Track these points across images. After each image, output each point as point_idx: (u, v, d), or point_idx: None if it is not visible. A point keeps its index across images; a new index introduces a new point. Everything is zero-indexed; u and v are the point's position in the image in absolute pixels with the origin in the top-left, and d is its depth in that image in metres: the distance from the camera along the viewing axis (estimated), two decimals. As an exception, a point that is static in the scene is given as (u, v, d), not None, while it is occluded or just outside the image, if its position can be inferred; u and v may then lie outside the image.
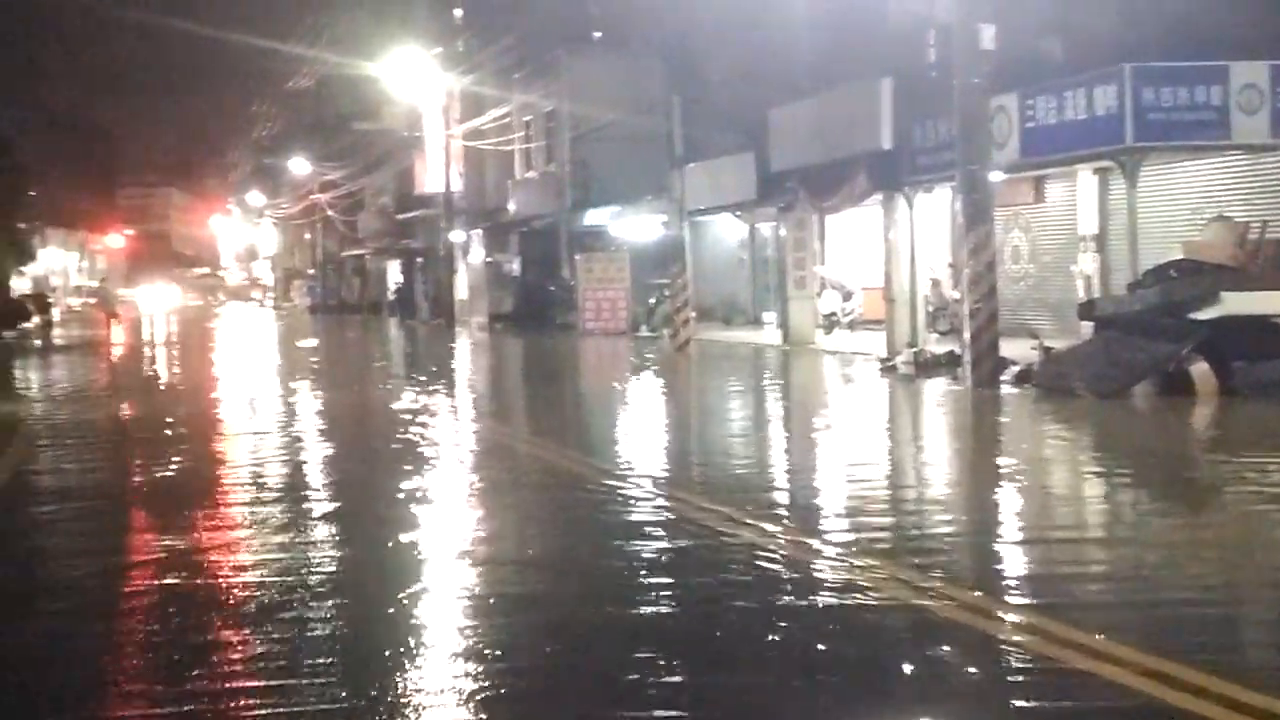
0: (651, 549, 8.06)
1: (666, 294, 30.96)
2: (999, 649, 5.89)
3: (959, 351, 18.42)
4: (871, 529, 8.59)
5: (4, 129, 64.66)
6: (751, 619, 6.36)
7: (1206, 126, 19.12)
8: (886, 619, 6.36)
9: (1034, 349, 18.27)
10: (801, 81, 27.32)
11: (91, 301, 71.90)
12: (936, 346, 21.91)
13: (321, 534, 8.92)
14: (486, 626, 6.37)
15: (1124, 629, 5.97)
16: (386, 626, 6.36)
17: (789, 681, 5.46)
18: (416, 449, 13.28)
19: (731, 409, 17.94)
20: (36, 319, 48.23)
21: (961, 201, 17.95)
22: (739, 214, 34.35)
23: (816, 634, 6.11)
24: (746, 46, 30.69)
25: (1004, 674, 5.53)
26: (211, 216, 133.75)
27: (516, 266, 47.21)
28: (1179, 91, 18.98)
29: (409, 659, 5.85)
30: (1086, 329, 18.92)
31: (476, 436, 14.84)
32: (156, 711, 5.29)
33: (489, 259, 48.35)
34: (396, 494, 10.35)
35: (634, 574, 7.41)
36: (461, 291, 48.90)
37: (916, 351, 21.24)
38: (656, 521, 8.98)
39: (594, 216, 40.70)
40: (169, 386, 23.70)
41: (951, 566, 7.46)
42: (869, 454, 12.70)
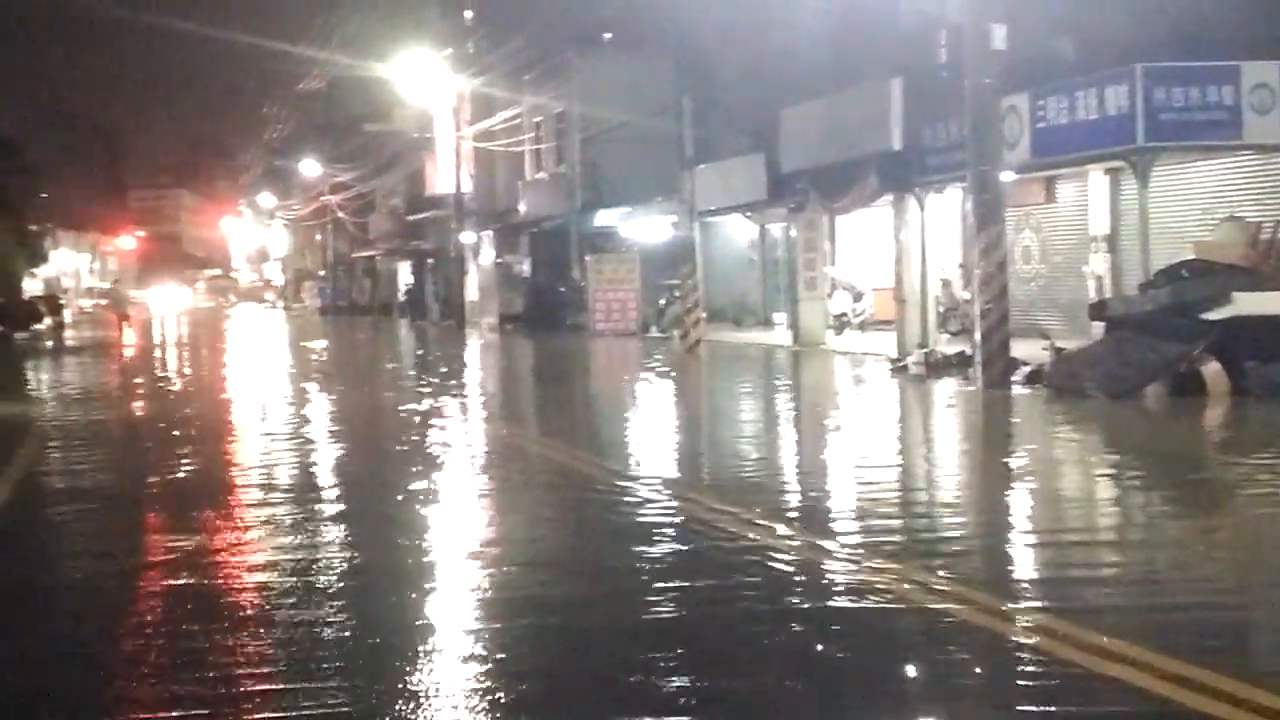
0: (663, 551, 8.05)
1: (677, 295, 30.94)
2: (1015, 652, 5.86)
3: (970, 352, 18.39)
4: (884, 531, 8.56)
5: (16, 131, 64.86)
6: (763, 622, 6.34)
7: (1218, 126, 19.07)
8: (900, 622, 6.34)
9: (1045, 349, 18.22)
10: (812, 82, 27.27)
11: (103, 303, 72.00)
12: (947, 347, 21.88)
13: (332, 535, 8.92)
14: (497, 628, 6.36)
15: (1140, 632, 5.92)
16: (397, 627, 6.36)
17: (801, 685, 5.44)
18: (427, 450, 13.29)
19: (742, 410, 17.92)
20: (48, 320, 48.39)
21: (972, 202, 17.91)
22: (749, 215, 34.31)
23: (829, 637, 6.09)
24: (757, 47, 30.65)
25: (1020, 678, 5.48)
26: (222, 218, 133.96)
27: (527, 267, 47.22)
28: (1191, 91, 18.93)
29: (419, 660, 5.84)
30: (1098, 329, 18.87)
31: (487, 437, 14.83)
32: (164, 714, 5.29)
33: (499, 260, 48.36)
34: (407, 495, 10.35)
35: (645, 576, 7.40)
36: (472, 292, 48.90)
37: (927, 352, 21.21)
38: (668, 523, 8.97)
39: (604, 217, 40.69)
40: (180, 388, 23.73)
41: (965, 568, 7.43)
42: (880, 455, 12.68)
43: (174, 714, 5.25)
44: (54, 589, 7.64)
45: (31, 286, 65.31)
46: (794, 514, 9.24)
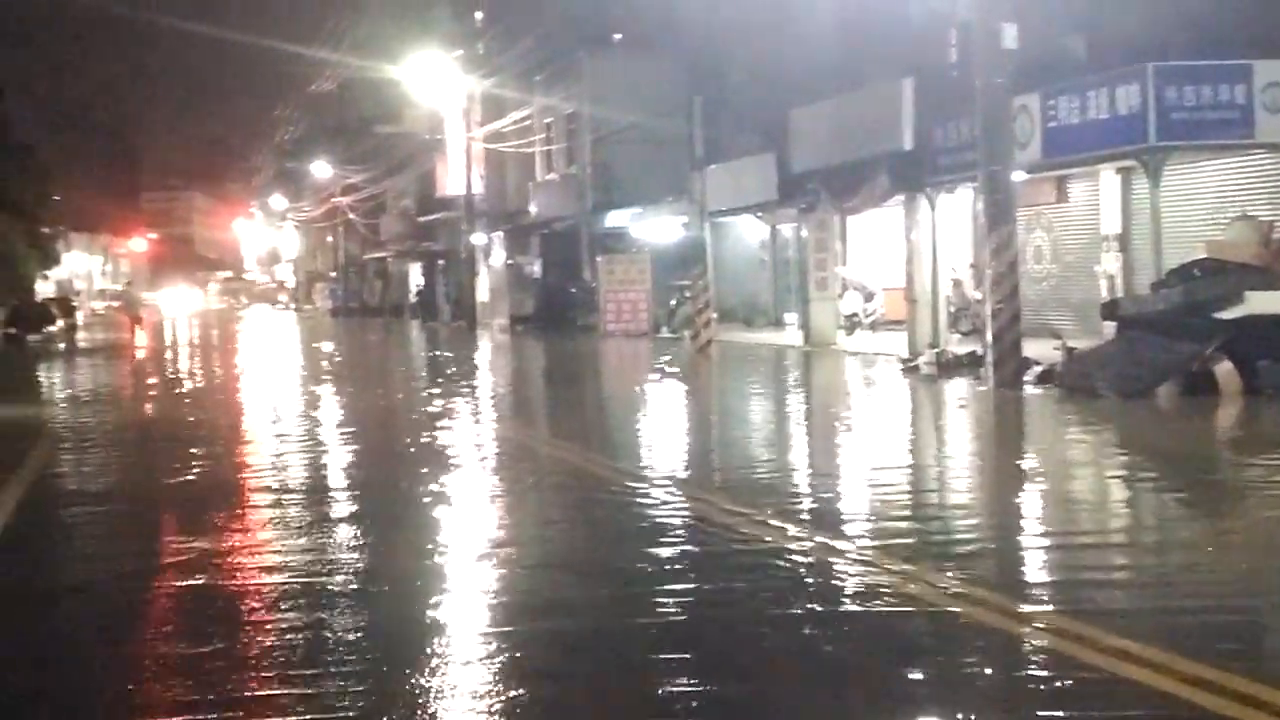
0: (675, 552, 8.04)
1: (688, 295, 30.94)
2: (1031, 654, 5.83)
3: (981, 352, 18.36)
4: (897, 532, 8.54)
5: (29, 133, 65.03)
6: (776, 624, 6.32)
7: (1230, 125, 19.03)
8: (914, 624, 6.30)
9: (1057, 349, 18.19)
10: (822, 82, 27.27)
11: (115, 305, 72.20)
12: (958, 347, 21.86)
13: (343, 536, 8.92)
14: (508, 630, 6.35)
15: (1156, 633, 5.88)
16: (408, 630, 6.35)
17: (814, 688, 5.43)
18: (439, 451, 13.29)
19: (754, 410, 17.91)
20: (60, 323, 48.45)
21: (983, 202, 17.89)
22: (760, 215, 34.31)
23: (843, 640, 6.07)
24: (767, 48, 30.66)
25: (1037, 681, 5.44)
26: (234, 220, 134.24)
27: (537, 268, 47.26)
28: (1202, 90, 18.90)
29: (430, 662, 5.84)
30: (1109, 329, 18.84)
31: (499, 438, 14.84)
32: (173, 719, 5.30)
33: (510, 261, 48.39)
34: (419, 496, 10.35)
35: (657, 577, 7.38)
36: (483, 294, 48.95)
37: (939, 352, 21.18)
38: (680, 524, 8.96)
39: (615, 218, 40.71)
40: (192, 390, 23.76)
41: (979, 570, 7.39)
42: (892, 455, 12.66)
43: (183, 718, 5.26)
44: (65, 591, 7.65)
45: (44, 289, 65.48)
46: (806, 515, 9.21)
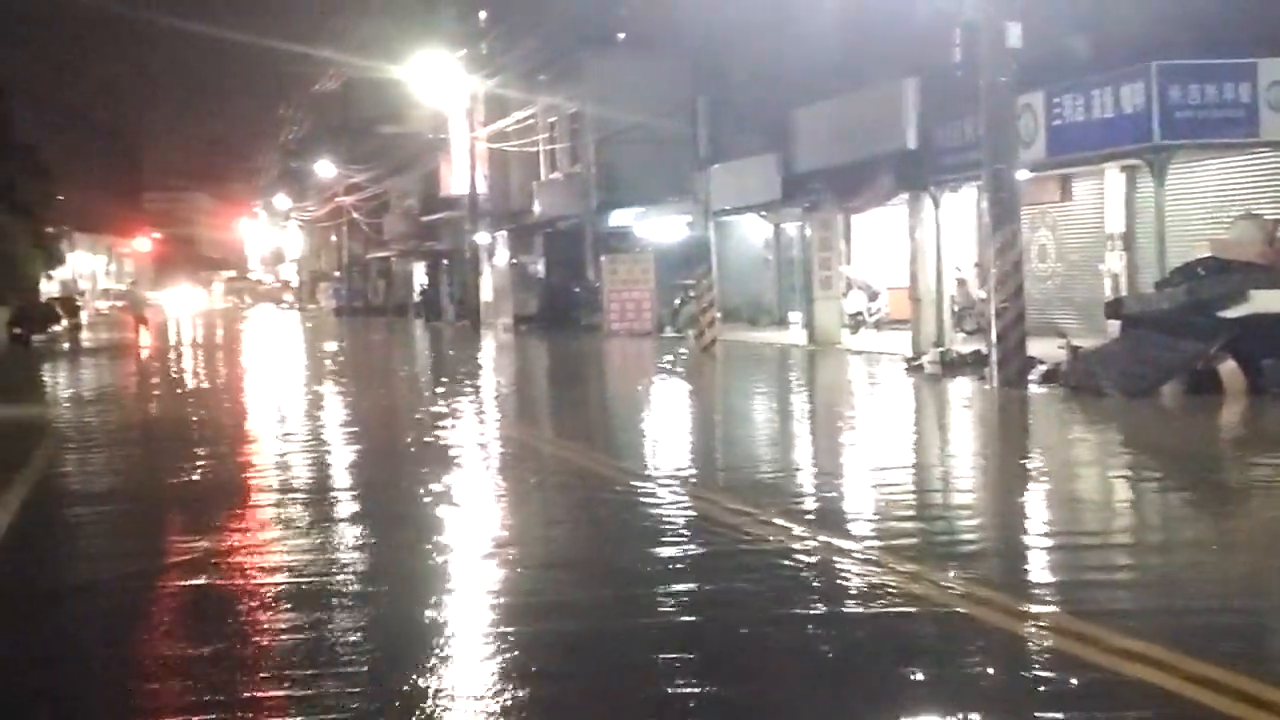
0: (679, 552, 8.03)
1: (692, 295, 30.92)
2: (1037, 655, 5.82)
3: (985, 351, 18.35)
4: (901, 532, 8.52)
5: (32, 133, 65.09)
6: (781, 625, 6.31)
7: (1234, 124, 19.00)
8: (919, 624, 6.28)
9: (1061, 348, 18.17)
10: (826, 81, 27.26)
11: (119, 305, 72.29)
12: (963, 346, 21.84)
13: (347, 536, 8.93)
14: (511, 630, 6.35)
15: (1165, 634, 5.85)
16: (411, 630, 6.35)
17: (819, 689, 5.43)
18: (443, 451, 13.29)
19: (758, 410, 17.91)
20: (65, 322, 48.50)
21: (988, 201, 17.87)
22: (764, 214, 34.29)
23: (848, 640, 6.06)
24: (771, 47, 30.64)
25: (1043, 681, 5.43)
26: (238, 220, 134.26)
27: (541, 268, 47.26)
28: (1207, 89, 18.88)
29: (433, 663, 5.84)
30: (1114, 328, 18.81)
31: (503, 438, 14.84)
32: (179, 717, 5.30)
33: (514, 260, 48.39)
34: (423, 496, 10.36)
35: (661, 577, 7.37)
36: (486, 293, 48.94)
37: (943, 351, 21.17)
38: (684, 524, 8.96)
39: (619, 217, 40.70)
40: (197, 390, 23.77)
41: (984, 570, 7.39)
42: (896, 455, 12.65)
43: (193, 713, 5.27)
44: (69, 591, 7.65)
45: (48, 289, 65.55)
46: (811, 515, 9.21)
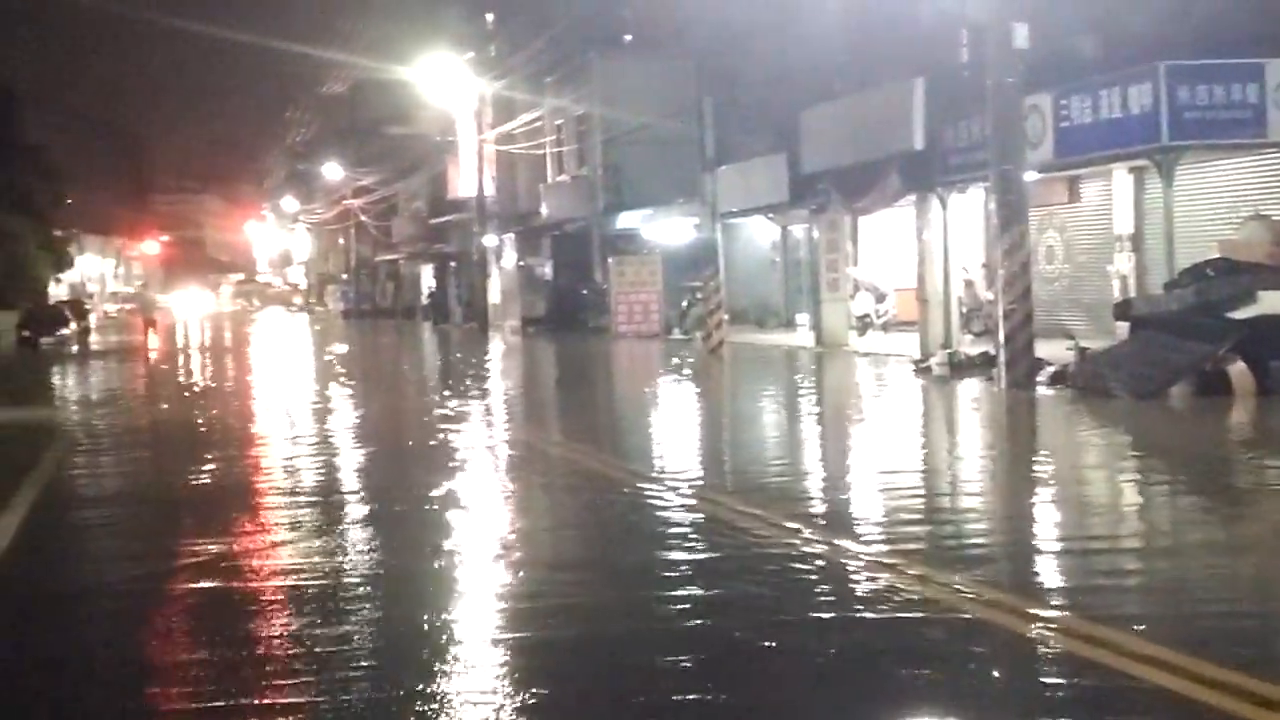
0: (687, 555, 8.02)
1: (699, 296, 30.93)
2: (1048, 658, 5.79)
3: (993, 353, 18.32)
4: (911, 535, 8.50)
5: (41, 136, 65.22)
6: (790, 628, 6.30)
7: (1243, 124, 18.99)
8: (929, 627, 6.24)
9: (1069, 350, 18.16)
10: (833, 82, 27.26)
11: (129, 307, 72.37)
12: (971, 348, 21.82)
13: (356, 537, 8.94)
14: (518, 633, 6.34)
15: (1176, 637, 5.82)
16: (420, 633, 6.35)
17: (829, 693, 5.41)
18: (451, 453, 13.30)
19: (766, 412, 17.89)
20: (74, 325, 48.59)
21: (995, 202, 17.85)
22: (771, 216, 34.29)
23: (855, 644, 6.04)
24: (778, 48, 30.65)
25: (1056, 685, 5.39)
26: (246, 222, 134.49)
27: (549, 270, 47.30)
28: (1215, 89, 18.85)
29: (440, 665, 5.83)
30: (1122, 329, 18.80)
31: (511, 440, 14.84)
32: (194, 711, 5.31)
33: (521, 263, 48.44)
34: (431, 498, 10.36)
35: (669, 580, 7.37)
36: (494, 295, 49.00)
37: (951, 353, 21.15)
38: (692, 527, 8.95)
39: (626, 219, 40.72)
40: (206, 393, 23.78)
41: (995, 573, 7.36)
42: (905, 457, 12.64)
43: (202, 710, 5.27)
44: (76, 594, 7.66)
45: (57, 292, 65.67)
46: (820, 518, 9.20)
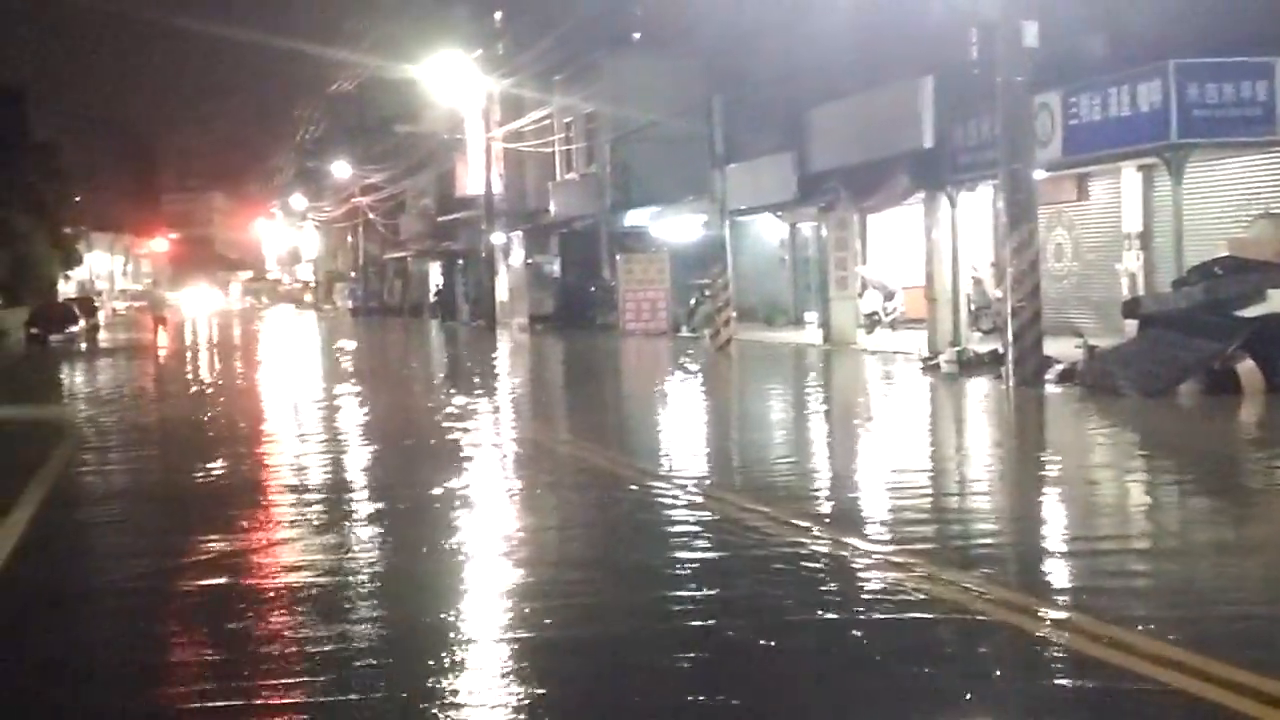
0: (694, 554, 8.03)
1: (707, 294, 30.93)
2: (1056, 658, 5.77)
3: (1002, 350, 18.31)
4: (920, 534, 8.50)
5: (50, 134, 65.39)
6: (797, 628, 6.30)
7: (1252, 122, 18.95)
8: (938, 626, 6.21)
9: (1078, 348, 18.14)
10: (842, 80, 27.24)
11: (138, 305, 72.53)
12: (979, 345, 21.81)
13: (364, 535, 8.95)
14: (524, 632, 6.35)
15: (1186, 636, 5.80)
16: (426, 631, 6.35)
17: (839, 692, 5.41)
18: (459, 451, 13.31)
19: (774, 409, 17.89)
20: (82, 323, 48.72)
21: (1004, 200, 17.84)
22: (780, 214, 34.27)
23: (862, 642, 6.03)
24: (787, 46, 30.62)
25: (1064, 685, 5.39)
26: (255, 220, 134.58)
27: (557, 268, 47.30)
28: (1224, 87, 18.82)
29: (445, 663, 5.84)
30: (1131, 327, 18.76)
31: (519, 438, 14.84)
32: (203, 707, 5.32)
33: (529, 260, 48.44)
34: (438, 496, 10.36)
35: (676, 579, 7.37)
36: (502, 293, 49.02)
37: (959, 350, 21.14)
38: (700, 525, 8.94)
39: (634, 217, 40.72)
40: (214, 389, 23.81)
41: (1004, 571, 7.36)
42: (914, 455, 12.63)
43: (210, 707, 5.28)
44: (85, 591, 7.68)
45: (66, 289, 65.81)
46: (828, 516, 9.18)
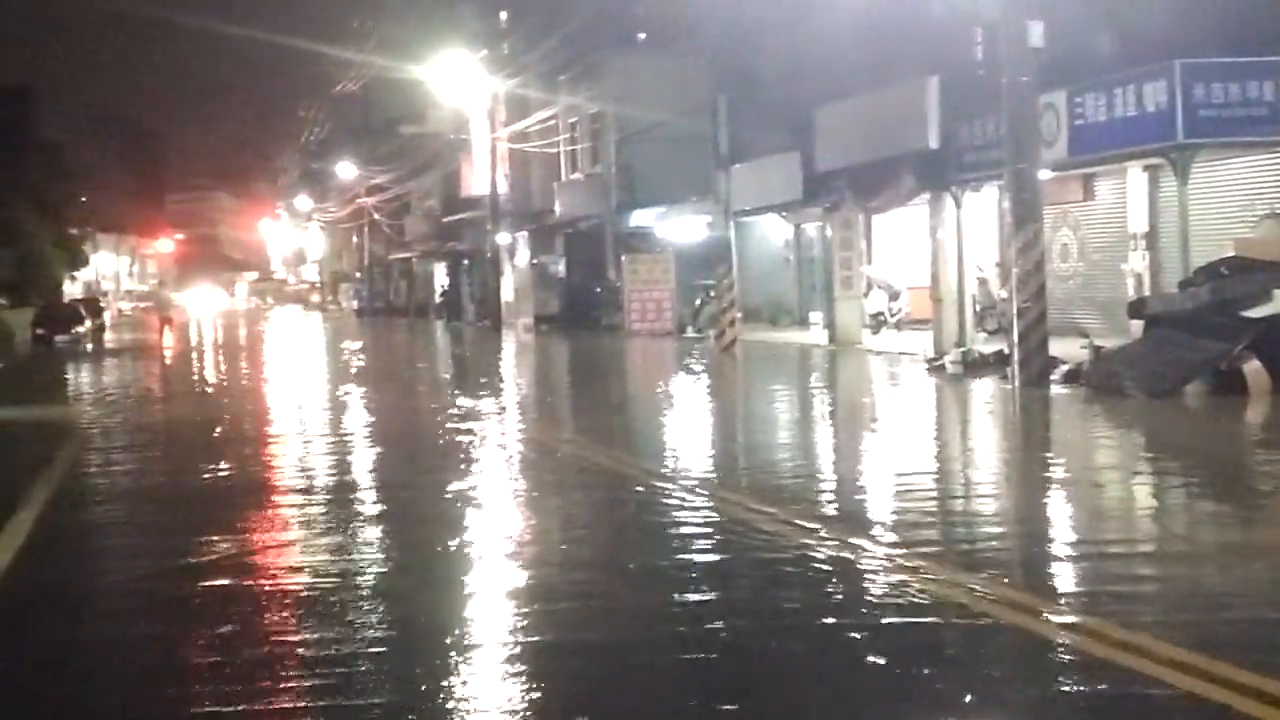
0: (700, 554, 8.01)
1: (712, 294, 30.93)
2: (1063, 659, 5.75)
3: (1007, 351, 18.29)
4: (926, 535, 8.49)
5: (55, 134, 65.48)
6: (803, 630, 6.28)
7: (1258, 122, 18.92)
8: (947, 631, 6.17)
9: (1083, 348, 18.12)
10: (847, 80, 27.20)
11: (144, 305, 72.64)
12: (984, 346, 21.78)
13: (369, 535, 8.95)
14: (529, 634, 6.34)
15: (1193, 638, 5.78)
16: (431, 632, 6.34)
17: (845, 695, 5.41)
18: (464, 451, 13.31)
19: (779, 410, 17.88)
20: (88, 323, 48.77)
21: (1010, 200, 17.82)
22: (785, 214, 34.26)
23: (867, 645, 6.01)
24: (792, 46, 30.60)
25: (1071, 687, 5.36)
26: (260, 220, 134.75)
27: (562, 268, 47.32)
28: (1230, 87, 18.79)
29: (450, 665, 5.84)
30: (1137, 328, 18.74)
31: (524, 438, 14.84)
32: (204, 710, 5.32)
33: (535, 261, 48.47)
34: (443, 496, 10.36)
35: (682, 581, 7.36)
36: (507, 293, 49.04)
37: (964, 351, 21.12)
38: (706, 525, 8.93)
39: (639, 217, 40.73)
40: (220, 390, 23.83)
41: (1010, 573, 7.34)
42: (919, 456, 12.61)
43: (215, 708, 5.28)
44: (89, 592, 7.68)
45: (71, 290, 65.90)
46: (834, 517, 9.18)
